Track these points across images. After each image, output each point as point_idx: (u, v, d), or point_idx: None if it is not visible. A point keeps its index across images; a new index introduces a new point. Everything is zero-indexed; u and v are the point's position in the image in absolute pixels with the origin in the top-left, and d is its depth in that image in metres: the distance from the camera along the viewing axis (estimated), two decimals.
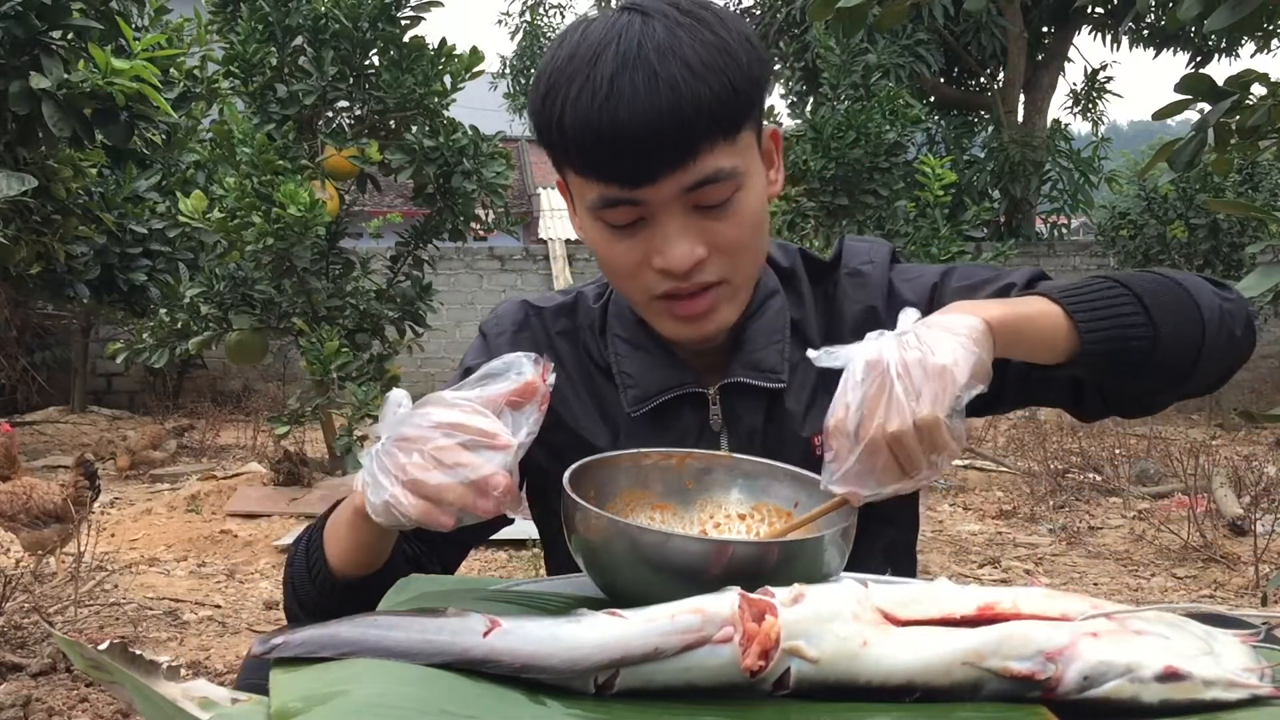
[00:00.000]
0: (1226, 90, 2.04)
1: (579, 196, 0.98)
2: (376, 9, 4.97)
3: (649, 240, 0.95)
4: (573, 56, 0.92)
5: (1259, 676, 0.67)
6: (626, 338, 1.09)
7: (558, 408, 1.08)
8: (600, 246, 0.99)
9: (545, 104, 0.94)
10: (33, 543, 3.60)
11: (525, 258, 11.11)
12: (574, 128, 0.91)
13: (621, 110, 0.88)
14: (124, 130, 2.88)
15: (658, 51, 0.90)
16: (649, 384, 1.07)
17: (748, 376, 1.05)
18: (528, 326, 1.13)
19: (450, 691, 0.65)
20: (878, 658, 0.67)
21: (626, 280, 0.99)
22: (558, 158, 0.97)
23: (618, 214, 0.95)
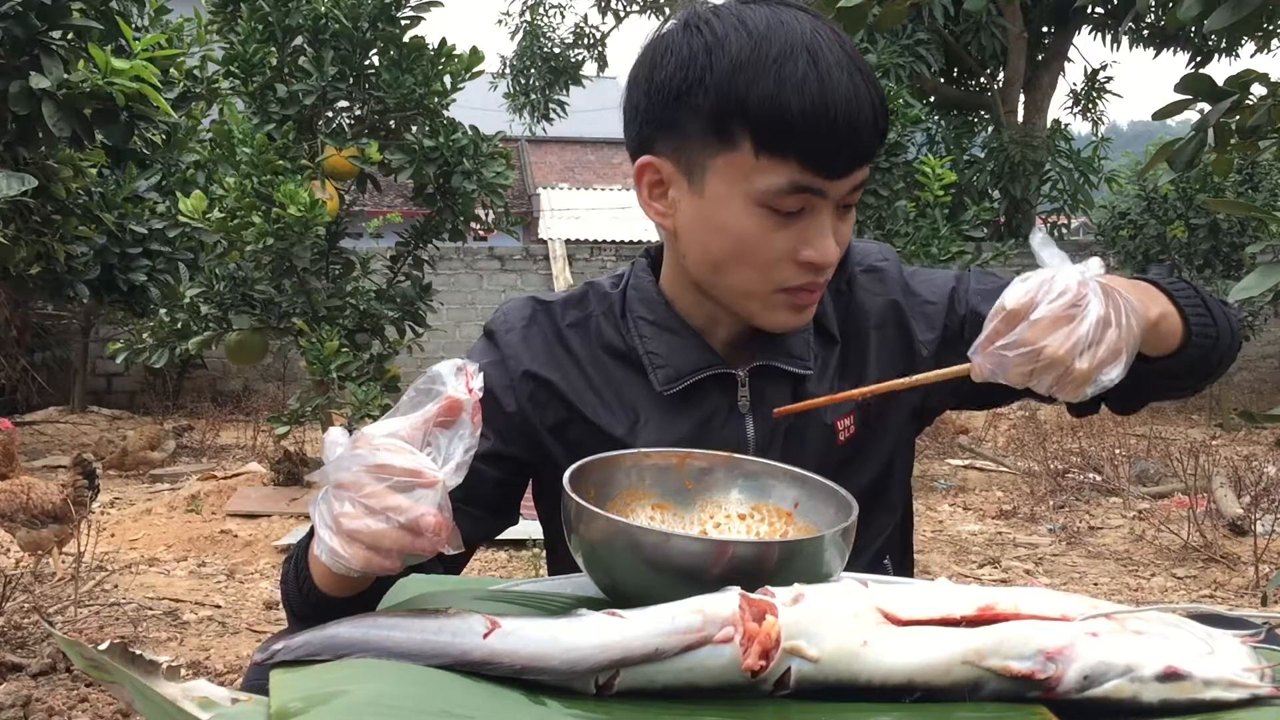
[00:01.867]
0: (1226, 90, 2.04)
1: (738, 178, 0.95)
2: (376, 9, 4.97)
3: (802, 232, 0.96)
4: (765, 38, 0.92)
5: (1259, 676, 0.67)
6: (653, 320, 1.09)
7: (573, 402, 1.08)
8: (750, 232, 0.97)
9: (737, 79, 0.92)
10: (30, 543, 3.60)
11: (525, 258, 11.11)
12: (792, 108, 0.90)
13: (840, 100, 0.91)
14: (124, 130, 2.88)
15: (846, 52, 0.93)
16: (680, 363, 1.07)
17: (777, 360, 1.07)
18: (536, 321, 1.12)
19: (450, 691, 0.65)
20: (878, 657, 0.67)
21: (761, 268, 0.98)
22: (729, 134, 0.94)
23: (793, 201, 0.95)
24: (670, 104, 0.96)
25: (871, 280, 1.14)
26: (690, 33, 0.96)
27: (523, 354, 1.09)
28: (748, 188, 0.95)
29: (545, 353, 1.10)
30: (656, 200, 1.03)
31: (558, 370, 1.09)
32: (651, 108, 0.99)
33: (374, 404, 4.74)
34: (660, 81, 0.97)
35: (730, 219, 0.97)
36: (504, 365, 1.09)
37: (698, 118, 0.95)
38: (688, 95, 0.95)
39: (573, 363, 1.10)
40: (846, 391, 1.03)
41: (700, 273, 1.03)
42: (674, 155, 0.99)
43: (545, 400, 1.08)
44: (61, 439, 7.94)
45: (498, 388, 1.08)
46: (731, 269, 1.01)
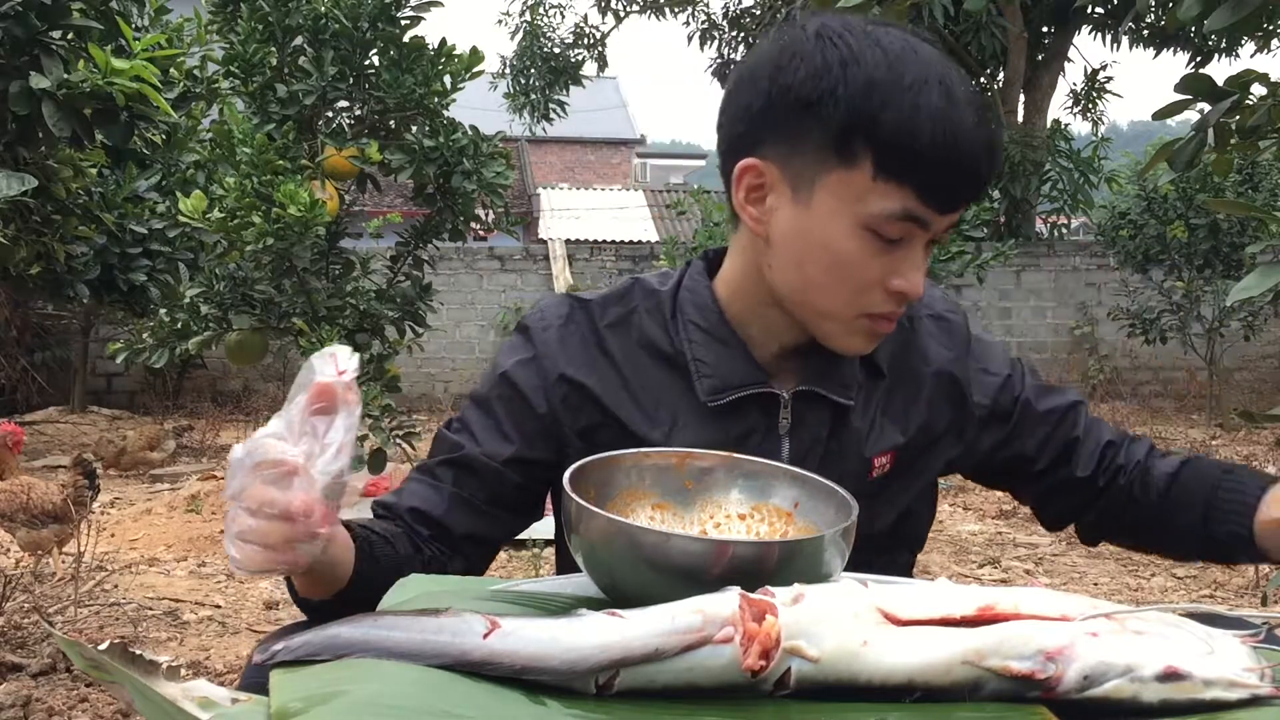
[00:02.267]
0: (1226, 90, 2.04)
1: (849, 197, 0.94)
2: (376, 9, 4.97)
3: (897, 262, 0.96)
4: (901, 60, 0.91)
5: (1259, 676, 0.67)
6: (705, 328, 1.06)
7: (607, 406, 1.06)
8: (849, 253, 0.96)
9: (871, 98, 0.91)
10: (30, 543, 3.60)
11: (525, 258, 11.11)
12: (923, 136, 0.90)
13: (967, 136, 0.91)
14: (124, 130, 2.88)
15: (973, 90, 0.94)
16: (727, 376, 1.05)
17: (823, 387, 1.05)
18: (574, 320, 1.10)
19: (450, 691, 0.65)
20: (878, 657, 0.67)
21: (855, 292, 0.98)
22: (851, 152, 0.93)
23: (898, 228, 0.94)
24: (793, 110, 0.94)
25: (938, 328, 1.14)
26: (824, 43, 0.94)
27: (558, 354, 1.07)
28: (858, 208, 0.94)
29: (582, 354, 1.08)
30: (753, 204, 1.00)
31: (594, 373, 1.07)
32: (769, 110, 0.96)
33: (374, 404, 4.74)
34: (785, 86, 0.94)
35: (832, 237, 0.96)
36: (538, 364, 1.08)
37: (821, 130, 0.93)
38: (816, 105, 0.93)
39: (610, 364, 1.08)
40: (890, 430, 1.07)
41: (786, 285, 1.01)
42: (782, 162, 0.97)
43: (579, 404, 1.07)
44: (61, 439, 7.94)
45: (528, 388, 1.07)
46: (822, 287, 0.99)
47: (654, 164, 29.86)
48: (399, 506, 1.07)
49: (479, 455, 1.06)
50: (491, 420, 1.08)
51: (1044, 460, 1.14)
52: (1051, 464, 1.14)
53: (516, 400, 1.08)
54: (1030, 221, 12.48)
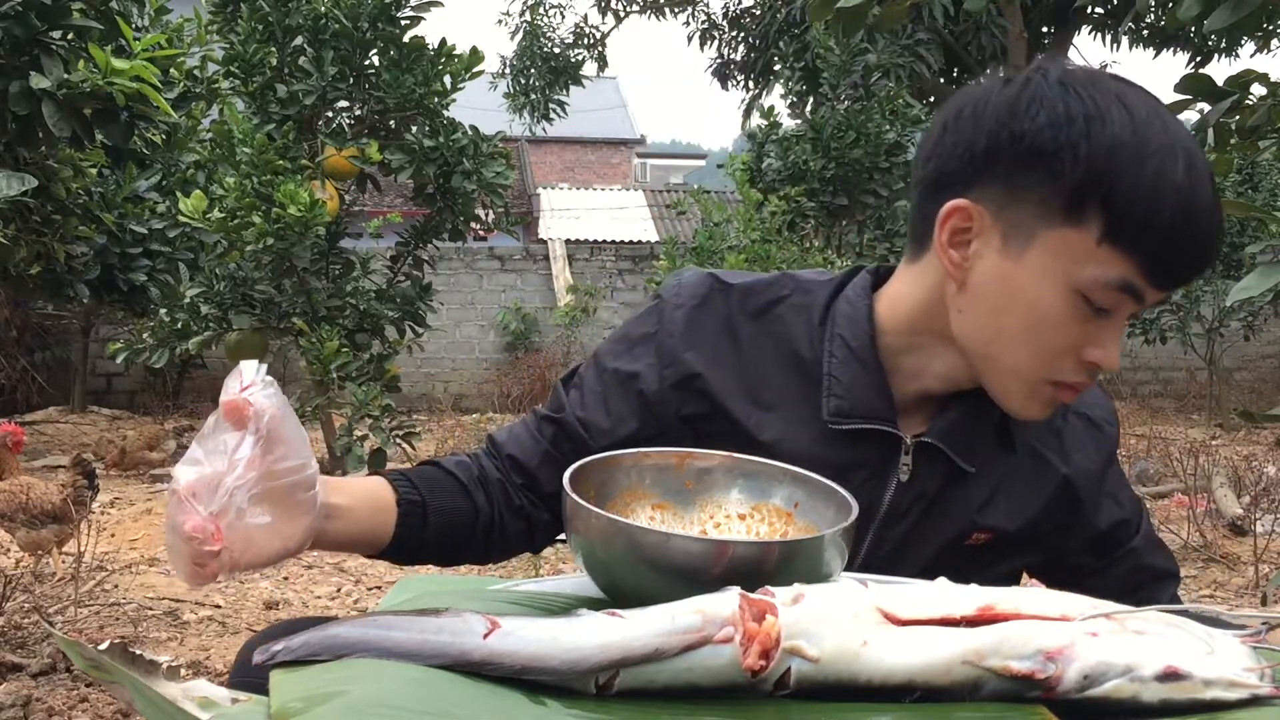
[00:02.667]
0: (1226, 90, 2.04)
1: (1068, 257, 0.89)
2: (376, 9, 4.97)
3: (1099, 331, 0.91)
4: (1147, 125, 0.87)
5: (1259, 676, 0.67)
6: (853, 346, 1.01)
7: (720, 399, 1.02)
8: (1056, 317, 0.91)
9: (1117, 159, 0.86)
10: (30, 543, 3.60)
11: (525, 258, 11.11)
12: (1164, 209, 0.85)
13: (1204, 214, 0.87)
14: (124, 130, 2.88)
15: (1208, 166, 0.89)
16: (856, 402, 1.00)
17: (949, 446, 1.01)
18: (709, 303, 1.05)
19: (450, 691, 0.65)
20: (878, 657, 0.67)
21: (1048, 356, 0.93)
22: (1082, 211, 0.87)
23: (1112, 298, 0.89)
24: (1023, 158, 0.89)
25: (1087, 433, 1.09)
26: (1068, 94, 0.88)
27: (684, 336, 1.04)
28: (1074, 270, 0.89)
29: (708, 340, 1.04)
30: (956, 246, 0.94)
31: (715, 362, 1.03)
32: (994, 153, 0.90)
33: (374, 404, 4.75)
34: (1019, 132, 0.88)
35: (1039, 295, 0.90)
36: (659, 342, 1.04)
37: (1052, 184, 0.88)
38: (1053, 158, 0.87)
39: (736, 355, 1.03)
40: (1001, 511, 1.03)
41: (976, 334, 0.96)
42: (997, 208, 0.91)
43: (691, 391, 1.03)
44: (61, 439, 7.94)
45: (643, 364, 1.04)
46: (1016, 344, 0.93)
47: (654, 164, 29.86)
48: (502, 448, 1.08)
49: (576, 423, 1.05)
50: (600, 389, 1.06)
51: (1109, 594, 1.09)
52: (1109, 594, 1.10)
53: (628, 373, 1.05)
54: None
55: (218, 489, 0.79)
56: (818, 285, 1.06)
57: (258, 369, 0.81)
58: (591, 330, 10.64)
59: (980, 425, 1.02)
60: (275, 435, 0.80)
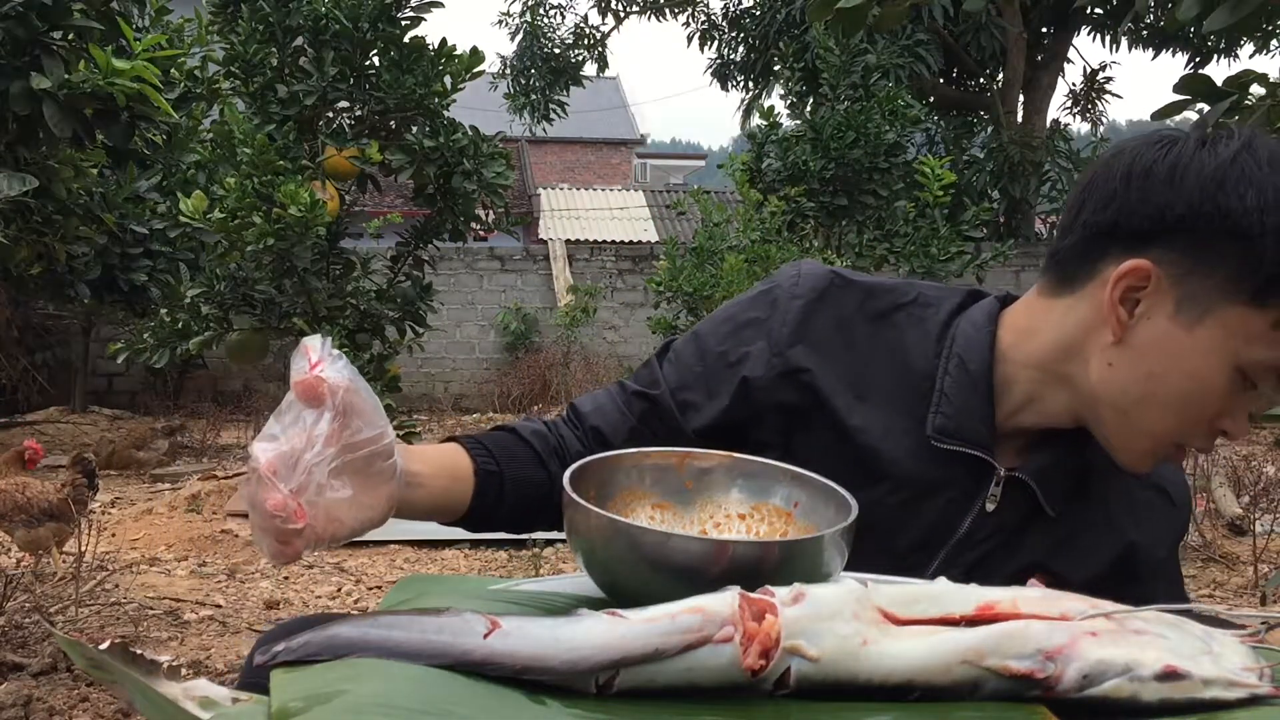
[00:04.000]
0: (1226, 90, 2.04)
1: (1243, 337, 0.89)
2: (376, 9, 4.97)
3: (1236, 404, 0.92)
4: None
5: (1258, 676, 0.67)
6: (970, 368, 1.00)
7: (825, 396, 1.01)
8: (1212, 391, 0.91)
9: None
10: (28, 542, 3.60)
11: (525, 258, 11.12)
12: None
13: None
14: (124, 130, 2.88)
15: None
16: (961, 424, 0.99)
17: (1040, 487, 1.00)
18: (827, 297, 1.04)
19: (450, 691, 0.65)
20: (878, 656, 0.67)
21: (1189, 423, 0.93)
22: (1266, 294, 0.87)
23: (1266, 377, 0.90)
24: (1221, 235, 0.87)
25: (1163, 506, 1.09)
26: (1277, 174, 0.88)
27: (796, 327, 1.03)
28: (1243, 350, 0.89)
29: (821, 335, 1.03)
30: (1125, 303, 0.92)
31: (826, 359, 1.02)
32: (1191, 223, 0.88)
33: (363, 398, 4.74)
34: (1224, 209, 0.87)
35: (1205, 368, 0.90)
36: (767, 328, 1.03)
37: (1244, 264, 0.87)
38: (1254, 241, 0.87)
39: (847, 353, 1.03)
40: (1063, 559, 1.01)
41: (1120, 391, 0.94)
42: (1178, 275, 0.90)
43: (794, 383, 1.02)
44: (62, 439, 7.94)
45: (753, 348, 1.03)
46: (1162, 409, 0.93)
47: (654, 164, 29.85)
48: (586, 420, 1.07)
49: (671, 404, 1.05)
50: (702, 369, 1.05)
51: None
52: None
53: (736, 357, 1.04)
54: (1029, 222, 12.49)
55: (296, 466, 0.78)
56: (940, 299, 1.06)
57: (323, 343, 0.81)
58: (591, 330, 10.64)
59: (1069, 469, 1.02)
60: (350, 408, 0.80)
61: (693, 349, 1.07)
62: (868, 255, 6.54)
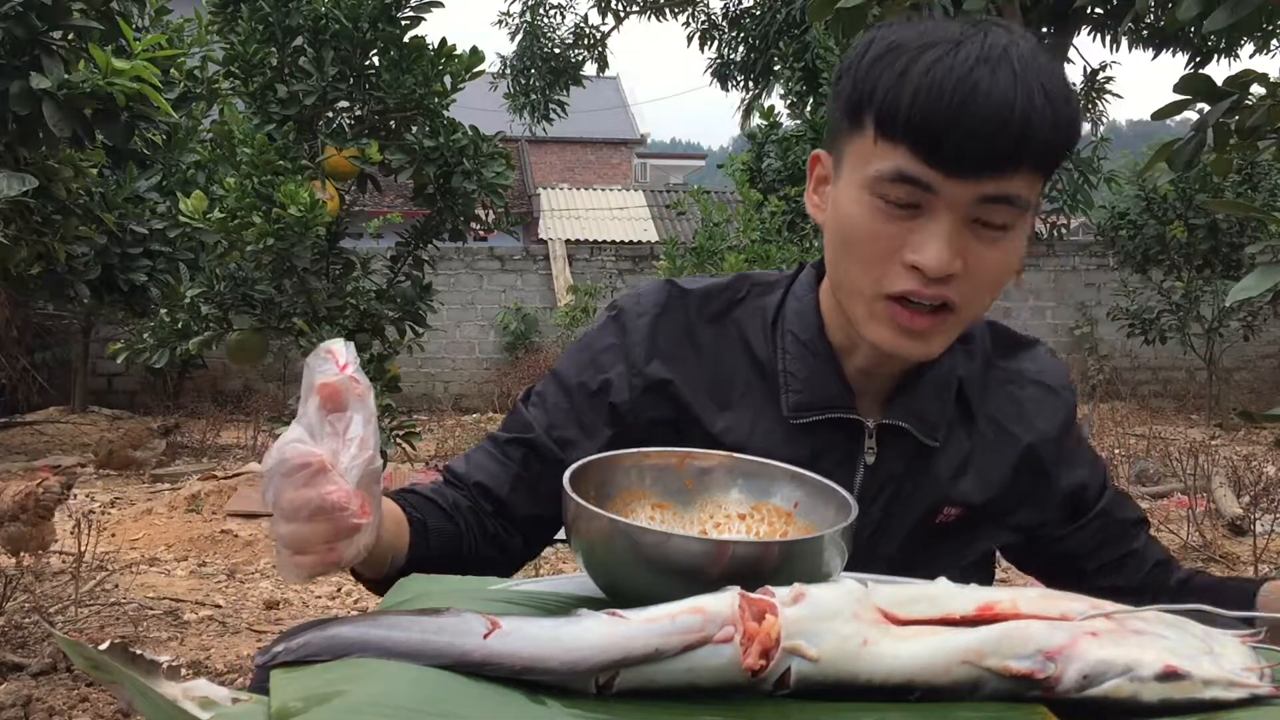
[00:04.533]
0: (1226, 90, 2.04)
1: (861, 163, 0.92)
2: (376, 9, 4.97)
3: (914, 233, 0.91)
4: (924, 34, 0.90)
5: (1258, 676, 0.67)
6: (803, 340, 1.04)
7: (688, 404, 1.04)
8: (860, 221, 0.93)
9: (879, 62, 0.90)
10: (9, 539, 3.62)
11: (525, 258, 11.12)
12: (916, 90, 0.87)
13: (978, 94, 0.86)
14: (124, 130, 2.88)
15: (1021, 61, 0.88)
16: (814, 395, 1.02)
17: (910, 424, 1.02)
18: (669, 310, 1.07)
19: (450, 691, 0.65)
20: (878, 656, 0.67)
21: (867, 264, 0.94)
22: (860, 117, 0.92)
23: (902, 191, 0.90)
24: (833, 98, 0.96)
25: (1045, 398, 1.09)
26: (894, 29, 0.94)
27: (648, 345, 1.05)
28: (865, 173, 0.92)
29: (672, 347, 1.06)
30: (818, 193, 1.01)
31: (681, 368, 1.05)
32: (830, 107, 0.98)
33: (375, 404, 4.74)
34: (837, 75, 0.97)
35: (849, 205, 0.94)
36: (624, 351, 1.06)
37: (841, 103, 0.94)
38: (839, 83, 0.95)
39: (699, 360, 1.05)
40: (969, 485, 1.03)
41: (830, 268, 1.00)
42: (830, 146, 0.99)
43: (659, 398, 1.05)
44: (62, 439, 7.94)
45: (613, 374, 1.05)
46: (845, 261, 0.96)
47: (654, 164, 29.85)
48: (468, 477, 1.07)
49: (549, 442, 1.06)
50: (569, 404, 1.07)
51: (1094, 563, 1.11)
52: (1100, 569, 1.11)
53: (597, 386, 1.06)
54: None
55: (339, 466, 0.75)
56: (772, 285, 1.09)
57: (347, 347, 0.79)
58: None
59: (940, 401, 1.04)
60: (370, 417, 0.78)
61: (555, 387, 1.08)
62: None
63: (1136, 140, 28.99)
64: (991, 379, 1.08)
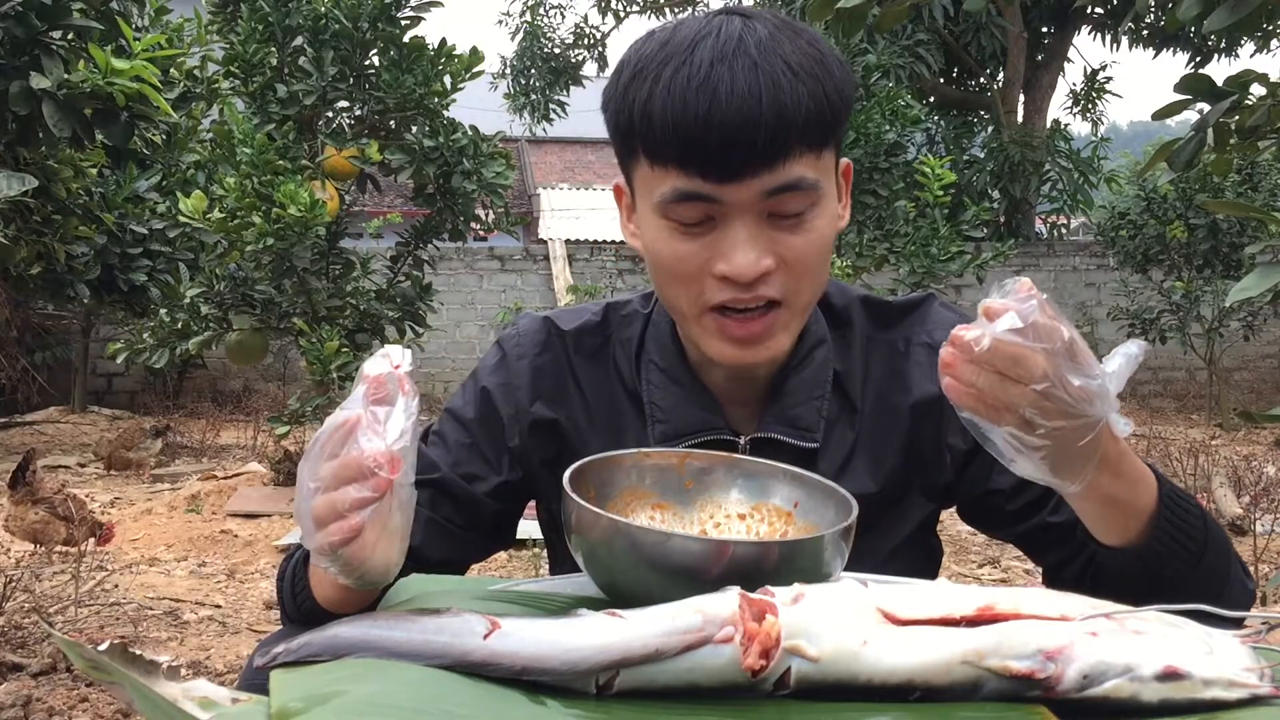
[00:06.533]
0: (1226, 90, 2.04)
1: (647, 191, 0.92)
2: (376, 9, 4.97)
3: (715, 244, 0.90)
4: (665, 44, 0.89)
5: (1258, 676, 0.67)
6: (664, 368, 1.03)
7: (572, 441, 1.04)
8: (661, 247, 0.93)
9: (629, 89, 0.89)
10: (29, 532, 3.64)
11: (525, 258, 11.11)
12: (664, 111, 0.86)
13: (720, 98, 0.84)
14: (124, 130, 2.88)
15: (759, 47, 0.86)
16: (680, 422, 1.01)
17: (781, 432, 1.00)
18: (550, 349, 1.07)
19: (450, 691, 0.65)
20: (878, 657, 0.67)
21: (683, 286, 0.93)
22: (632, 147, 0.92)
23: (689, 210, 0.89)
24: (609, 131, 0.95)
25: (930, 358, 1.02)
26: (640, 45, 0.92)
27: (530, 386, 1.06)
28: (652, 199, 0.92)
29: (553, 387, 1.06)
30: (631, 221, 0.99)
31: (563, 407, 1.05)
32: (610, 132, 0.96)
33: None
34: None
35: (650, 232, 0.94)
36: (510, 392, 1.06)
37: (613, 136, 0.94)
38: (606, 114, 0.94)
39: (580, 398, 1.06)
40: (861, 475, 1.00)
41: (658, 294, 1.00)
42: (625, 176, 0.97)
43: (545, 437, 1.05)
44: (62, 439, 7.94)
45: (505, 416, 1.06)
46: (664, 286, 0.96)
47: None
48: None
49: (456, 479, 1.04)
50: (470, 440, 1.06)
51: (1018, 501, 1.02)
52: (1026, 506, 1.02)
53: (494, 423, 1.06)
54: (1030, 221, 12.49)
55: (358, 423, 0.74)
56: (634, 315, 1.08)
57: (403, 352, 0.79)
58: None
59: (813, 401, 1.02)
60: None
61: (453, 425, 1.08)
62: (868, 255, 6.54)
63: (1136, 140, 28.99)
64: (873, 358, 1.05)
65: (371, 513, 0.73)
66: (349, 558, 0.74)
